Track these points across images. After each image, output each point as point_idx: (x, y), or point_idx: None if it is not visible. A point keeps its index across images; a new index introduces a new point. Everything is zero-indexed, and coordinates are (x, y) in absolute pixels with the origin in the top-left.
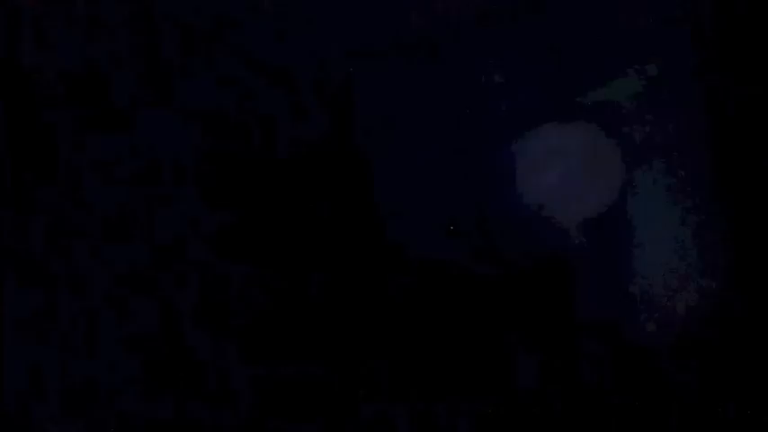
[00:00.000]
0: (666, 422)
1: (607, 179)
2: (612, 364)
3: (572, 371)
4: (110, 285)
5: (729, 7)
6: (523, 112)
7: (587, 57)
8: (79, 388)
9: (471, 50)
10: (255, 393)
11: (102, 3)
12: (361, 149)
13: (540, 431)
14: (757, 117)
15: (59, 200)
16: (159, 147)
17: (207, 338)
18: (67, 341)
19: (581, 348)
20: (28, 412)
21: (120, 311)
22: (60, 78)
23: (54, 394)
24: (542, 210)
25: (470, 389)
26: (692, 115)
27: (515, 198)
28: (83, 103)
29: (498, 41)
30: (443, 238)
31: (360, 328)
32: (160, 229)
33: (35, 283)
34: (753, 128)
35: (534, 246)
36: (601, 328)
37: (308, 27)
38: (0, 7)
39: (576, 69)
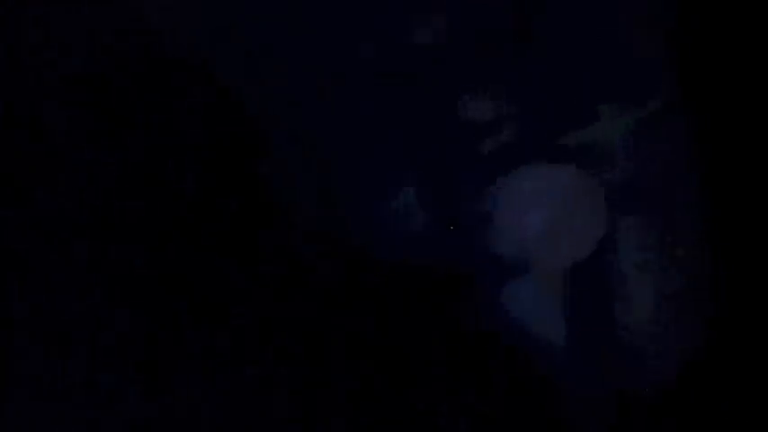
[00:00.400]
0: None
1: (591, 223)
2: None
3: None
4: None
5: (727, 44)
6: (506, 149)
7: (575, 93)
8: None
9: (453, 82)
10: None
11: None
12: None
13: None
14: (752, 156)
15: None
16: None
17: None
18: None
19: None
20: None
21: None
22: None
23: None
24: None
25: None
26: (684, 155)
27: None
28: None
29: (482, 74)
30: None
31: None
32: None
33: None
34: (748, 168)
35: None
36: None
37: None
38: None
39: (562, 106)
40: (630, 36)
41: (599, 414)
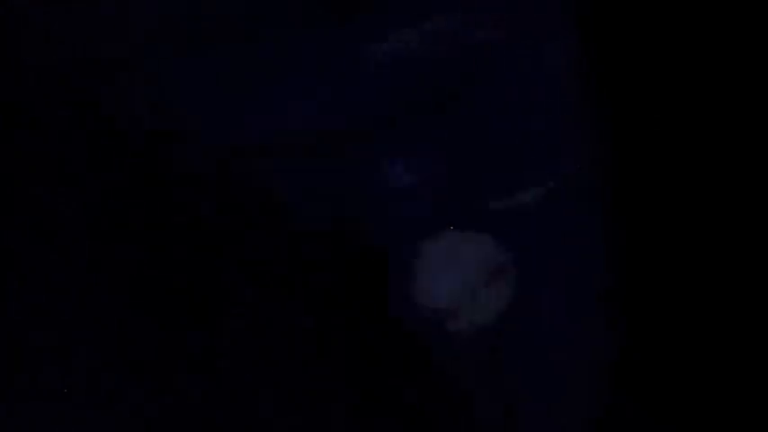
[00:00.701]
0: None
1: (502, 290)
2: None
3: None
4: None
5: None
6: (426, 216)
7: (495, 160)
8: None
9: (375, 150)
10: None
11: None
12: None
13: None
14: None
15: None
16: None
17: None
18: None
19: None
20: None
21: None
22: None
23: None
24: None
25: None
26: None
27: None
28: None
29: (403, 142)
30: None
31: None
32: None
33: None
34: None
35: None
36: None
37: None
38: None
39: (482, 173)
40: (548, 109)
41: None
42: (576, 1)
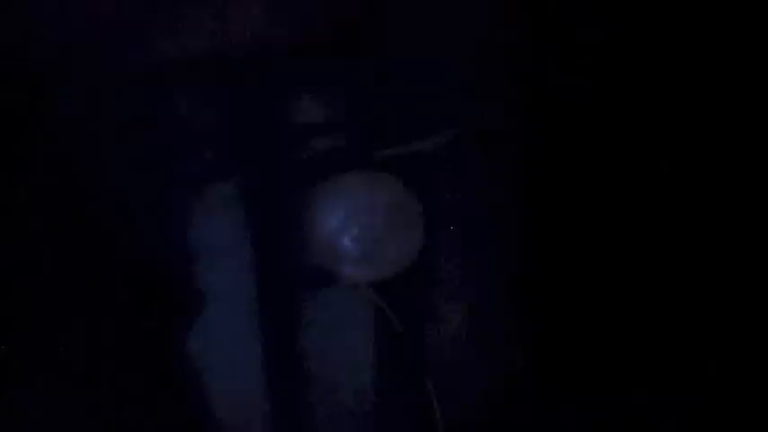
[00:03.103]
0: None
1: (408, 237)
2: None
3: None
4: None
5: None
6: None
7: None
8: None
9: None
10: None
11: None
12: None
13: None
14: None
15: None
16: None
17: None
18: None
19: None
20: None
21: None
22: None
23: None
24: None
25: None
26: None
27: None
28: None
29: (313, 78)
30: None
31: None
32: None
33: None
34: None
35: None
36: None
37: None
38: None
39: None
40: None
41: None
42: None
